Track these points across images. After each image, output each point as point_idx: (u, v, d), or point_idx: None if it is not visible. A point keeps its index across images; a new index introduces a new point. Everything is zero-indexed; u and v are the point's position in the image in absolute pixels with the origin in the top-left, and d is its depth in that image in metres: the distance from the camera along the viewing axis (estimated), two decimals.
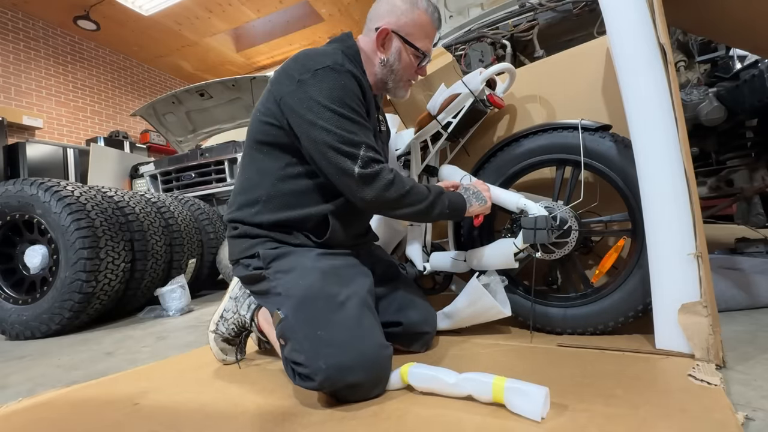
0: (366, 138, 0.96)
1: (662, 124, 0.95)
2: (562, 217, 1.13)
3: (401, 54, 1.07)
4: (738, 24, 1.38)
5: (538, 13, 1.93)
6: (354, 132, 0.94)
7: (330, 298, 0.90)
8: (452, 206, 1.05)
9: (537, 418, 0.69)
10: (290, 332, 0.88)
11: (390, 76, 1.09)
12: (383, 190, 0.95)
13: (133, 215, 2.12)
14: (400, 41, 1.06)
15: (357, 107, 0.97)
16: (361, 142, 0.94)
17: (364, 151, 0.93)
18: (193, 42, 6.31)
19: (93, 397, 0.99)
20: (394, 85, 1.11)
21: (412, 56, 1.08)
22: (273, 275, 0.97)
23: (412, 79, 1.14)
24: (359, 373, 0.80)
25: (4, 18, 5.08)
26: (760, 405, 0.70)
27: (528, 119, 1.42)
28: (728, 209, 2.04)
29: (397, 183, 0.96)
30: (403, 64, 1.08)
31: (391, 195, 0.95)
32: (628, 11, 1.00)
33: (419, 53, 1.08)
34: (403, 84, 1.12)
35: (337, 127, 0.92)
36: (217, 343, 1.14)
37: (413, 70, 1.10)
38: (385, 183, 0.94)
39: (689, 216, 0.92)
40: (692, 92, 1.56)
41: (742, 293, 1.34)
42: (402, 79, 1.11)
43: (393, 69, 1.08)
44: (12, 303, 1.89)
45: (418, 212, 1.01)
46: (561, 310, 1.20)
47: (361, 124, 0.97)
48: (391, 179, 0.95)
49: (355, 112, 0.96)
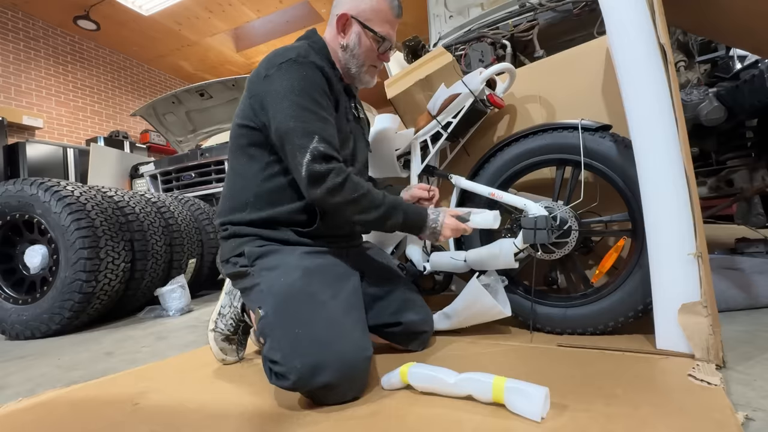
0: (323, 130, 0.94)
1: (662, 124, 0.95)
2: (562, 217, 1.13)
3: (361, 38, 1.09)
4: (738, 24, 1.38)
5: (538, 13, 1.94)
6: (309, 122, 0.93)
7: (311, 296, 0.90)
8: (407, 224, 1.03)
9: (537, 419, 0.69)
10: (269, 330, 0.88)
11: (352, 61, 1.11)
12: (328, 194, 0.93)
13: (133, 215, 2.11)
14: (359, 26, 1.08)
15: (318, 97, 0.97)
16: (315, 132, 0.93)
17: (316, 143, 0.92)
18: (193, 42, 6.31)
19: (93, 397, 0.99)
20: (357, 70, 1.12)
21: (372, 40, 1.09)
22: (257, 272, 0.97)
23: (375, 65, 1.15)
24: (334, 373, 0.79)
25: (4, 18, 5.08)
26: (760, 405, 0.70)
27: (528, 119, 1.42)
28: (728, 209, 2.04)
29: (346, 188, 0.94)
30: (363, 48, 1.09)
31: (336, 200, 0.94)
32: (628, 11, 1.00)
33: (378, 37, 1.09)
34: (366, 69, 1.13)
35: (294, 117, 0.93)
36: (217, 343, 1.14)
37: (375, 55, 1.12)
38: (331, 186, 0.92)
39: (689, 216, 0.92)
40: (692, 92, 1.56)
41: (742, 293, 1.34)
42: (364, 64, 1.12)
43: (354, 53, 1.10)
44: (12, 303, 1.89)
45: (366, 221, 0.99)
46: (561, 310, 1.20)
47: (320, 115, 0.96)
48: (340, 182, 0.93)
49: (315, 103, 0.96)
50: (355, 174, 1.00)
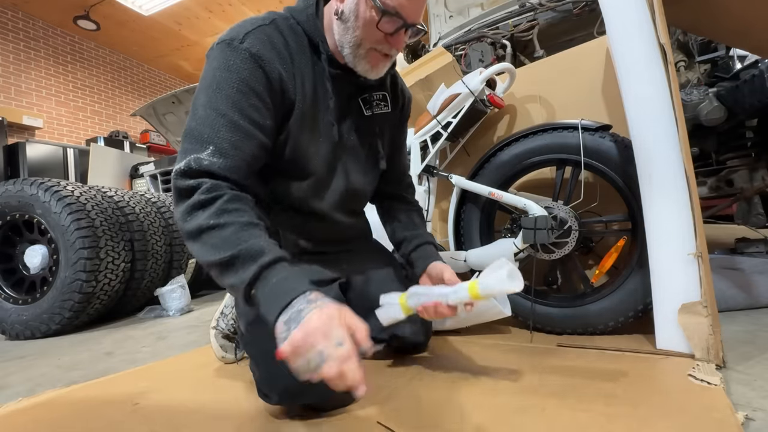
0: (226, 140, 0.71)
1: (662, 124, 0.95)
2: (562, 217, 1.13)
3: (359, 6, 0.76)
4: (738, 24, 1.38)
5: (538, 13, 1.93)
6: (209, 126, 0.72)
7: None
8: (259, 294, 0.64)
9: (506, 286, 0.70)
10: (245, 347, 0.85)
11: (345, 37, 0.80)
12: (185, 213, 0.68)
13: (133, 215, 2.11)
14: None
15: (239, 96, 0.73)
16: (211, 142, 0.71)
17: (206, 155, 0.69)
18: (193, 42, 6.31)
19: (93, 397, 0.99)
20: (351, 51, 0.81)
21: (374, 12, 0.75)
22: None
23: (380, 50, 0.81)
24: (317, 392, 0.71)
25: (4, 18, 5.08)
26: (760, 405, 0.70)
27: (528, 119, 1.42)
28: (728, 209, 2.04)
29: (206, 210, 0.66)
30: (362, 22, 0.77)
31: (188, 226, 0.67)
32: (628, 11, 1.00)
33: (378, 6, 0.74)
34: (365, 53, 0.81)
35: (196, 118, 0.73)
36: (217, 340, 1.15)
37: (379, 35, 0.78)
38: (190, 204, 0.67)
39: (689, 216, 0.92)
40: (692, 92, 1.56)
41: (742, 293, 1.34)
42: (361, 45, 0.80)
43: (348, 26, 0.79)
44: (12, 303, 1.89)
45: (207, 263, 0.67)
46: (561, 310, 1.20)
47: (229, 118, 0.72)
48: (201, 201, 0.66)
49: (235, 106, 0.73)
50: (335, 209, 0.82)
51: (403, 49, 2.37)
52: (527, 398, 0.78)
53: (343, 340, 0.57)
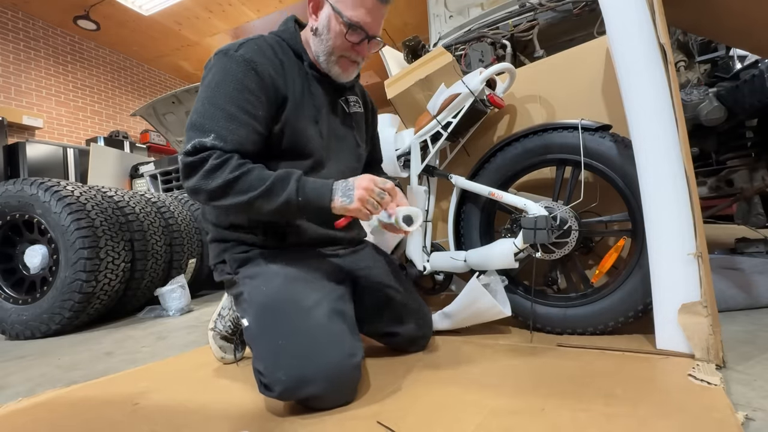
0: (225, 129, 0.85)
1: (662, 124, 0.95)
2: (562, 217, 1.13)
3: (330, 22, 0.96)
4: (738, 24, 1.38)
5: (538, 13, 1.93)
6: (212, 118, 0.86)
7: (294, 304, 0.87)
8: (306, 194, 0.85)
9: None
10: (252, 341, 0.87)
11: (320, 47, 0.99)
12: (203, 178, 0.82)
13: (133, 215, 2.11)
14: (329, 7, 0.96)
15: (235, 93, 0.88)
16: (212, 130, 0.84)
17: (209, 139, 0.83)
18: (193, 42, 6.30)
19: (93, 397, 0.99)
20: (325, 58, 1.00)
21: (342, 25, 0.95)
22: (241, 280, 0.95)
23: (348, 57, 1.01)
24: (320, 384, 0.77)
25: (4, 18, 5.08)
26: (760, 405, 0.70)
27: (528, 119, 1.42)
28: (728, 209, 2.04)
29: (224, 168, 0.82)
30: (333, 34, 0.96)
31: (212, 184, 0.82)
32: (628, 11, 1.00)
33: (345, 21, 0.94)
34: (336, 59, 1.00)
35: (198, 112, 0.87)
36: (215, 341, 1.15)
37: (348, 45, 0.98)
38: (206, 169, 0.82)
39: (689, 216, 0.92)
40: (692, 92, 1.56)
41: (742, 293, 1.34)
42: (333, 53, 0.99)
43: (322, 38, 0.98)
44: (12, 303, 1.89)
45: (249, 200, 0.83)
46: (561, 310, 1.19)
47: (230, 113, 0.86)
48: (216, 164, 0.82)
49: (229, 99, 0.87)
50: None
51: (403, 50, 2.37)
52: (527, 398, 0.78)
53: (383, 182, 0.88)
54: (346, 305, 0.96)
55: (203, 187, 0.83)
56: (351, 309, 0.97)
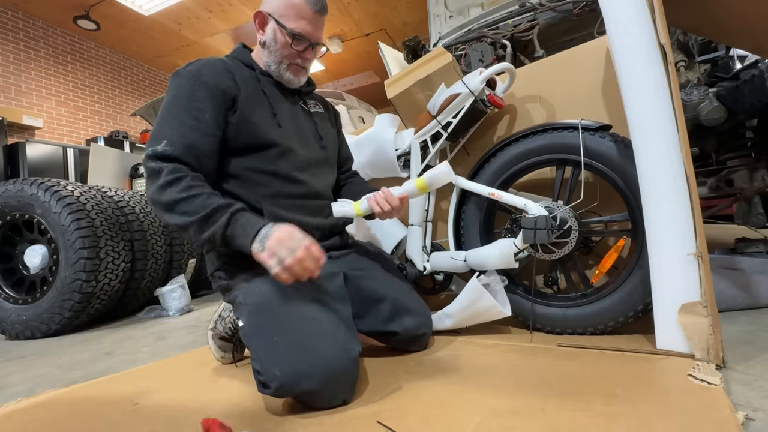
0: (178, 135, 0.92)
1: (662, 124, 0.95)
2: (562, 217, 1.13)
3: (276, 34, 1.06)
4: (738, 24, 1.38)
5: (538, 13, 1.93)
6: (168, 126, 0.93)
7: (288, 301, 0.89)
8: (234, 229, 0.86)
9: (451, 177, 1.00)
10: (248, 340, 0.87)
11: (270, 57, 1.09)
12: (156, 192, 0.88)
13: (133, 215, 2.12)
14: (273, 22, 1.06)
15: (188, 104, 0.96)
16: (165, 137, 0.91)
17: (162, 146, 0.90)
18: (193, 42, 6.30)
19: (93, 397, 0.99)
20: (276, 67, 1.10)
21: (287, 36, 1.06)
22: (236, 285, 0.97)
23: (295, 63, 1.10)
24: (316, 379, 0.78)
25: (4, 18, 5.07)
26: (760, 405, 0.70)
27: (528, 119, 1.42)
28: (728, 209, 2.04)
29: (175, 186, 0.87)
30: (279, 45, 1.07)
31: (163, 198, 0.87)
32: (628, 11, 1.00)
33: (288, 32, 1.05)
34: (286, 66, 1.10)
35: (155, 124, 0.96)
36: (215, 341, 1.15)
37: (295, 52, 1.08)
38: (159, 184, 0.88)
39: (689, 216, 0.92)
40: (692, 92, 1.56)
41: (742, 293, 1.34)
42: (282, 61, 1.09)
43: (270, 50, 1.08)
44: (12, 303, 1.89)
45: (185, 225, 0.87)
46: (561, 310, 1.19)
47: (179, 119, 0.94)
48: (169, 180, 0.87)
49: (183, 110, 0.95)
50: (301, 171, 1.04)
51: (403, 50, 2.37)
52: (527, 398, 0.78)
53: (302, 239, 0.84)
54: (342, 302, 0.98)
55: (156, 200, 0.89)
56: (347, 307, 0.99)
